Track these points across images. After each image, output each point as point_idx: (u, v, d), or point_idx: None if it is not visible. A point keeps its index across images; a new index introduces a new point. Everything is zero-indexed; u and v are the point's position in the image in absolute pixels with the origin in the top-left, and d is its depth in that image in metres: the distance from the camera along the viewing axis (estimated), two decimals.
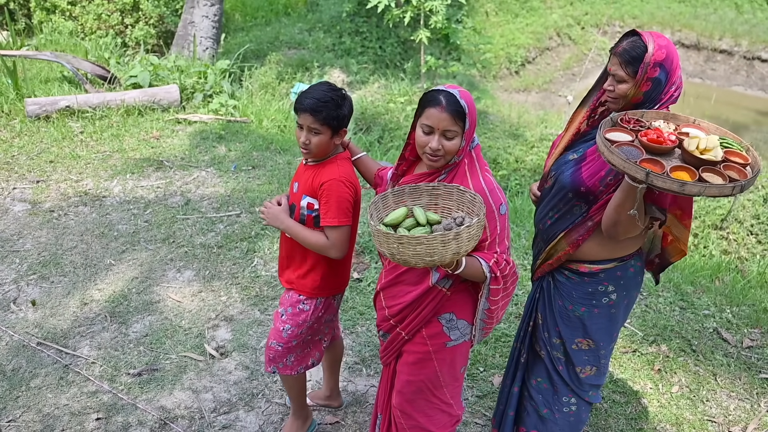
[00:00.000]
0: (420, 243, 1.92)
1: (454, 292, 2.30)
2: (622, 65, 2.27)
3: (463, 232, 1.94)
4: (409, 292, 2.33)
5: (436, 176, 2.26)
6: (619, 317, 2.56)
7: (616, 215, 2.21)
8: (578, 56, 13.80)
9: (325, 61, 9.80)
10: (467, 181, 2.22)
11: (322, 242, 2.52)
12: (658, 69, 2.24)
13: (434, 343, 2.36)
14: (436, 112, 2.13)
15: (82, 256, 4.42)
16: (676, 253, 2.53)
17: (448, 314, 2.33)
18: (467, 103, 2.15)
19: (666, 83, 2.31)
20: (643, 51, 2.23)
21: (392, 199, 2.25)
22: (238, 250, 4.55)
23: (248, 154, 6.10)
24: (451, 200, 2.22)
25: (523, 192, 6.81)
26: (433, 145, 2.15)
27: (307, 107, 2.42)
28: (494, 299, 2.25)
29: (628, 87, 2.29)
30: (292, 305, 2.72)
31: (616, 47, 2.31)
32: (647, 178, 1.95)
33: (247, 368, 3.52)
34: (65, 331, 3.73)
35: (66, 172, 5.53)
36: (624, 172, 2.01)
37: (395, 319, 2.40)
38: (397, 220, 2.17)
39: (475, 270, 2.17)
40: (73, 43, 8.66)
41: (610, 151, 2.04)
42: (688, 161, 2.10)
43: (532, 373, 2.71)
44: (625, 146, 2.13)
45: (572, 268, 2.50)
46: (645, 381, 3.54)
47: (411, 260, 1.96)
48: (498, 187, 2.26)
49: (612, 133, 2.22)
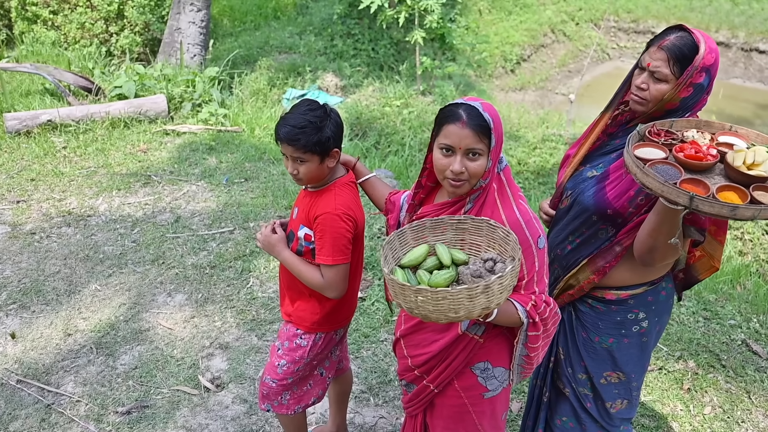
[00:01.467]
0: (443, 297, 1.61)
1: (487, 339, 2.00)
2: (669, 62, 1.98)
3: (494, 284, 1.63)
4: (435, 340, 2.03)
5: (461, 206, 1.95)
6: (651, 345, 2.32)
7: (652, 241, 1.95)
8: (574, 53, 13.59)
9: (317, 65, 9.54)
10: (498, 211, 1.91)
11: (318, 280, 2.27)
12: (703, 74, 1.98)
13: (470, 395, 2.07)
14: (456, 128, 1.83)
15: (66, 281, 4.15)
16: (706, 269, 2.27)
17: (483, 363, 2.03)
18: (492, 116, 1.85)
19: (705, 91, 2.05)
20: (695, 50, 1.97)
21: (411, 236, 1.94)
22: (232, 270, 4.29)
23: (240, 166, 5.83)
24: (480, 236, 1.90)
25: (529, 197, 6.56)
26: (455, 168, 1.84)
27: (283, 137, 2.16)
28: (533, 346, 1.96)
29: (667, 89, 2.02)
30: (289, 339, 2.48)
31: (660, 40, 2.02)
32: (691, 203, 1.69)
33: (245, 401, 3.26)
34: (48, 367, 3.46)
35: (48, 191, 5.25)
36: (663, 197, 1.75)
37: (420, 370, 2.11)
38: (417, 260, 1.88)
39: (510, 316, 1.88)
40: (55, 54, 8.37)
41: (644, 173, 1.77)
42: (733, 178, 1.83)
43: (556, 411, 2.46)
44: (659, 165, 1.86)
45: (596, 296, 2.25)
46: (675, 402, 3.30)
47: (432, 315, 1.67)
48: (535, 217, 1.95)
49: (641, 149, 1.94)
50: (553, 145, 7.94)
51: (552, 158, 7.63)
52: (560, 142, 8.00)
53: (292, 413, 2.56)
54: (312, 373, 2.56)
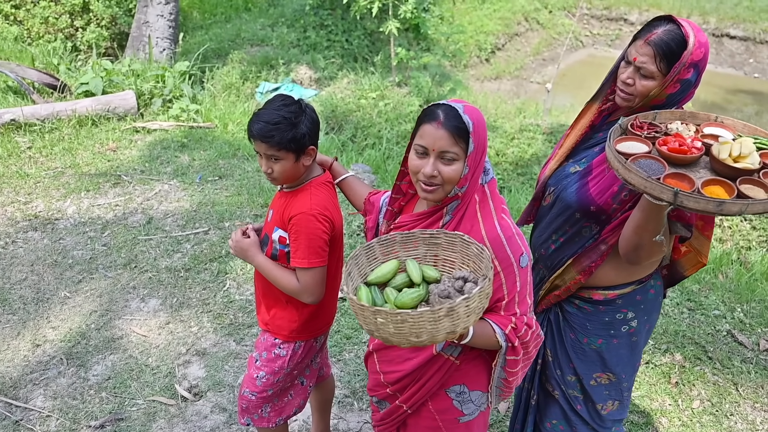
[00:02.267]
0: (403, 320, 1.49)
1: (464, 361, 1.89)
2: (655, 58, 1.90)
3: (459, 307, 1.50)
4: (409, 358, 1.92)
5: (439, 216, 1.83)
6: (641, 345, 2.26)
7: (637, 239, 1.88)
8: (548, 41, 13.57)
9: (291, 57, 9.36)
10: (479, 225, 1.79)
11: (293, 285, 2.17)
12: (692, 70, 1.90)
13: (445, 419, 1.96)
14: (431, 128, 1.72)
15: (33, 289, 3.98)
16: (692, 265, 2.20)
17: (459, 386, 1.92)
18: (473, 120, 1.73)
19: (693, 86, 1.97)
20: (683, 45, 1.88)
21: (380, 250, 1.82)
22: (207, 273, 4.16)
23: (214, 163, 5.68)
24: (454, 251, 1.78)
25: (509, 188, 6.51)
26: (426, 171, 1.73)
27: (256, 133, 2.05)
28: (512, 370, 1.85)
29: (653, 85, 1.94)
30: (267, 350, 2.37)
31: (647, 33, 1.93)
32: (676, 199, 1.61)
33: (224, 410, 3.15)
34: (15, 380, 3.31)
35: (13, 194, 5.05)
36: (646, 193, 1.67)
37: (393, 388, 2.00)
38: (385, 277, 1.76)
39: (488, 338, 1.76)
40: (18, 50, 8.07)
41: (627, 168, 1.69)
42: (719, 172, 1.76)
43: (545, 415, 2.39)
44: (642, 159, 1.78)
45: (583, 296, 2.18)
46: (663, 397, 3.26)
47: (393, 339, 1.55)
48: (518, 233, 1.83)
49: (624, 143, 1.86)
50: (531, 135, 7.89)
51: (530, 149, 7.59)
52: (538, 132, 7.95)
53: (273, 426, 2.46)
54: (293, 383, 2.47)
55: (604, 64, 13.03)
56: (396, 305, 1.66)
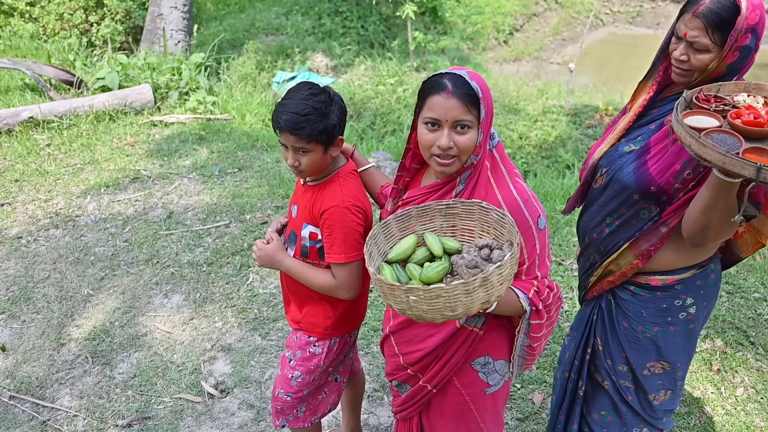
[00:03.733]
0: (437, 296, 1.44)
1: (487, 331, 1.85)
2: (707, 30, 1.76)
3: (493, 275, 1.46)
4: (430, 335, 1.87)
5: (452, 187, 1.77)
6: (698, 332, 2.13)
7: (705, 219, 1.74)
8: (567, 20, 13.28)
9: (306, 45, 9.24)
10: (494, 191, 1.75)
11: (330, 282, 2.05)
12: (750, 35, 1.75)
13: (471, 392, 1.93)
14: (441, 99, 1.66)
15: (56, 287, 3.92)
16: (750, 246, 2.06)
17: (483, 358, 1.89)
18: (480, 85, 1.68)
19: (754, 51, 1.82)
20: (735, 12, 1.73)
21: (396, 227, 1.77)
22: (230, 266, 4.07)
23: (233, 155, 5.59)
24: (472, 220, 1.73)
25: (533, 171, 6.34)
26: (443, 143, 1.67)
27: (285, 126, 1.91)
28: (536, 335, 1.83)
29: (710, 58, 1.80)
30: (302, 348, 2.26)
31: (694, 5, 1.79)
32: (759, 175, 1.46)
33: (252, 407, 3.07)
34: (41, 380, 3.25)
35: (33, 192, 5.00)
36: (724, 169, 1.52)
37: (414, 369, 1.94)
38: (405, 253, 1.71)
39: (512, 305, 1.73)
40: (34, 47, 8.05)
41: (701, 143, 1.54)
42: None
43: (593, 405, 2.27)
44: (714, 134, 1.64)
45: (640, 282, 2.05)
46: (705, 384, 3.12)
47: (427, 315, 1.50)
48: (533, 195, 1.80)
49: (691, 117, 1.71)
50: (555, 117, 7.69)
51: (554, 131, 7.40)
52: (561, 114, 7.75)
53: (308, 425, 2.37)
54: (327, 381, 2.37)
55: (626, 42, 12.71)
56: (422, 281, 1.61)
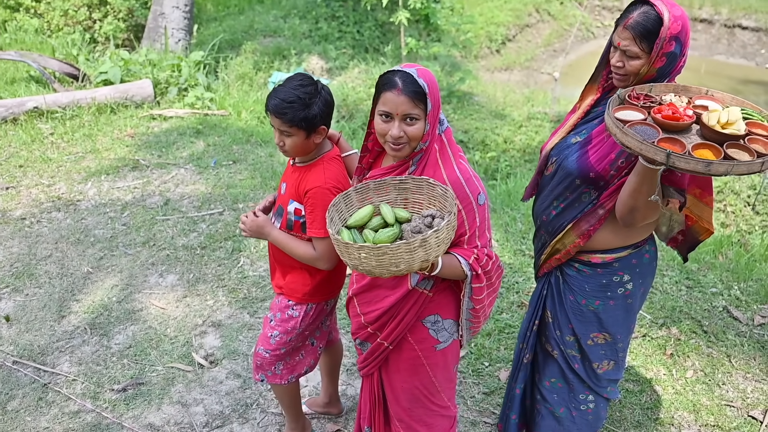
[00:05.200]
0: (383, 253, 1.73)
1: (436, 293, 2.12)
2: (635, 40, 2.04)
3: (431, 238, 1.75)
4: (386, 296, 2.13)
5: (405, 168, 2.06)
6: (636, 307, 2.39)
7: (632, 201, 2.02)
8: (559, 32, 13.62)
9: (303, 48, 9.51)
10: (440, 170, 2.02)
11: (310, 254, 2.33)
12: (673, 43, 2.04)
13: (423, 348, 2.18)
14: (392, 95, 1.92)
15: (58, 265, 4.17)
16: (703, 232, 2.34)
17: (433, 316, 2.15)
18: (427, 81, 1.94)
19: (679, 56, 2.11)
20: (658, 23, 2.01)
21: (356, 197, 2.05)
22: (222, 251, 4.33)
23: (228, 149, 5.85)
24: (421, 194, 2.02)
25: (515, 173, 6.63)
26: (393, 133, 1.94)
27: (271, 109, 2.22)
28: (478, 298, 2.09)
29: (641, 64, 2.08)
30: (281, 310, 2.53)
31: (624, 19, 2.08)
32: (668, 160, 1.75)
33: (239, 377, 3.32)
34: (43, 347, 3.50)
35: (37, 177, 5.25)
36: (641, 155, 1.82)
37: (373, 327, 2.20)
38: (363, 220, 1.99)
39: (454, 269, 2.00)
40: (39, 41, 8.29)
41: (624, 132, 1.84)
42: (709, 137, 1.90)
43: (544, 374, 2.53)
44: (638, 125, 1.93)
45: (583, 259, 2.31)
46: (658, 367, 3.39)
47: (375, 271, 1.78)
48: (475, 175, 2.07)
49: (621, 111, 2.01)
50: (539, 123, 7.99)
51: (537, 136, 7.69)
52: (545, 120, 8.05)
53: (285, 383, 2.62)
54: (304, 344, 2.62)
55: None
56: (374, 243, 1.88)
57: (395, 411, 2.32)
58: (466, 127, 7.99)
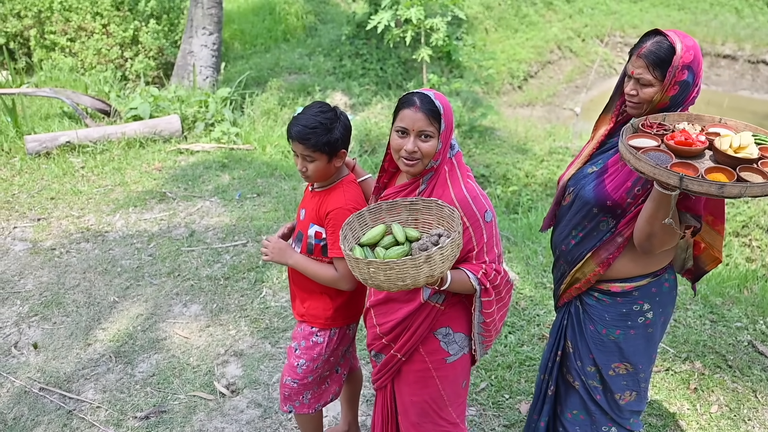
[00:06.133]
0: (390, 268, 1.83)
1: (448, 306, 2.20)
2: (649, 68, 2.10)
3: (435, 254, 1.84)
4: (400, 308, 2.22)
5: (416, 186, 2.17)
6: (657, 336, 2.38)
7: (649, 227, 2.04)
8: (581, 68, 13.72)
9: (327, 84, 9.72)
10: (448, 189, 2.12)
11: (331, 275, 2.38)
12: (686, 72, 2.08)
13: (433, 360, 2.24)
14: (410, 112, 2.07)
15: (85, 294, 4.27)
16: (711, 261, 2.37)
17: (444, 329, 2.23)
18: (442, 104, 2.08)
19: (692, 85, 2.15)
20: (671, 52, 2.07)
21: (369, 217, 2.16)
22: (245, 281, 4.40)
23: (252, 182, 5.97)
24: (430, 215, 2.13)
25: (536, 207, 6.64)
26: (408, 147, 2.07)
27: (294, 135, 2.30)
28: (488, 311, 2.17)
29: (654, 91, 2.13)
30: (305, 338, 2.56)
31: (638, 48, 2.14)
32: (682, 183, 1.78)
33: (259, 406, 3.34)
34: (68, 375, 3.56)
35: (67, 209, 5.41)
36: (655, 180, 1.85)
37: (388, 338, 2.28)
38: (375, 239, 2.09)
39: (464, 284, 2.09)
40: (73, 79, 8.61)
41: (637, 158, 1.88)
42: (722, 162, 1.94)
43: (566, 405, 2.51)
44: (651, 152, 1.97)
45: (602, 288, 2.32)
46: (681, 401, 3.33)
47: (383, 285, 1.88)
48: (482, 194, 2.17)
49: (635, 139, 2.05)
50: (560, 157, 8.02)
51: (559, 170, 7.71)
52: (567, 155, 8.08)
53: (312, 411, 2.64)
54: (330, 371, 2.65)
55: None
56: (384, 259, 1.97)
57: (405, 426, 2.37)
58: (487, 162, 8.05)
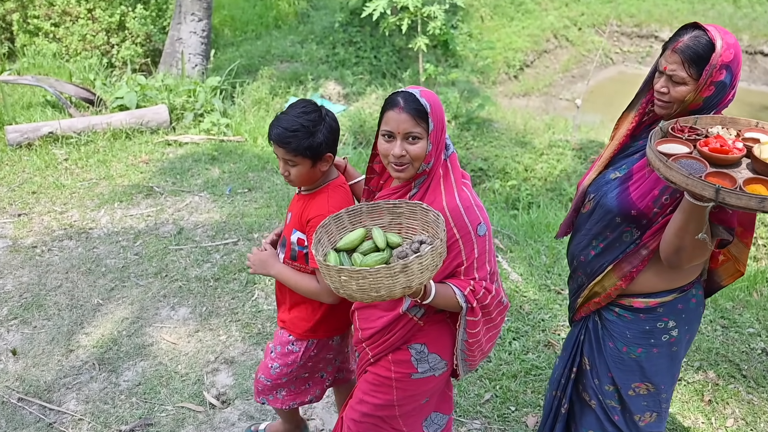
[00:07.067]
0: (363, 277, 1.65)
1: (428, 323, 2.06)
2: (684, 64, 1.91)
3: (413, 264, 1.66)
4: (380, 317, 2.09)
5: (407, 190, 2.01)
6: (681, 355, 2.22)
7: (678, 241, 1.86)
8: (577, 58, 13.52)
9: (319, 73, 9.47)
10: (441, 196, 1.96)
11: (313, 287, 2.22)
12: (724, 71, 1.89)
13: (398, 370, 2.11)
14: (394, 114, 1.91)
15: (68, 296, 4.05)
16: (730, 274, 2.18)
17: (419, 345, 2.08)
18: (429, 101, 1.91)
19: (729, 87, 1.96)
20: (710, 49, 1.88)
21: (348, 220, 1.99)
22: (236, 282, 4.19)
23: (243, 176, 5.74)
24: (415, 219, 1.95)
25: (537, 203, 6.46)
26: (395, 152, 1.91)
27: (274, 138, 2.13)
28: (472, 331, 2.02)
29: (687, 90, 1.93)
30: (282, 344, 2.48)
31: (674, 42, 1.95)
32: (718, 196, 1.60)
33: (252, 418, 3.16)
34: (49, 384, 3.36)
35: (50, 204, 5.17)
36: (687, 190, 1.67)
37: (367, 344, 2.15)
38: (353, 243, 1.93)
39: (449, 299, 1.93)
40: (57, 66, 8.31)
41: (668, 167, 1.69)
42: (761, 171, 1.76)
43: (581, 425, 2.35)
44: (683, 159, 1.78)
45: (624, 304, 2.15)
46: (696, 414, 3.18)
47: (356, 295, 1.70)
48: (477, 204, 2.00)
49: (664, 145, 1.87)
50: (560, 151, 7.83)
51: (559, 164, 7.53)
52: (567, 148, 7.90)
53: (286, 407, 2.58)
54: (312, 374, 2.56)
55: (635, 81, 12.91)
56: (361, 266, 1.80)
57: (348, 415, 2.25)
58: (485, 155, 7.85)
